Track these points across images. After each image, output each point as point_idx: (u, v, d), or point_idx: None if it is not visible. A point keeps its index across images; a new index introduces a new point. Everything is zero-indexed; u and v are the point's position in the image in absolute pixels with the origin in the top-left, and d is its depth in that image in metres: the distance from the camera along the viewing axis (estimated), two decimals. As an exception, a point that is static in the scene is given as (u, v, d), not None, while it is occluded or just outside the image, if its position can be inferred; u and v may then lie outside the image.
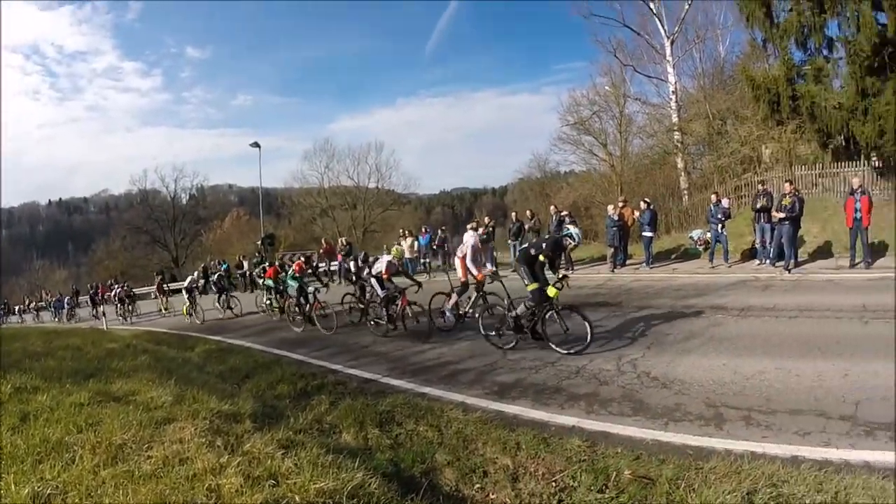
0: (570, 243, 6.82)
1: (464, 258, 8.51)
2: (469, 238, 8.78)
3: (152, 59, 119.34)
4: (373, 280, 9.06)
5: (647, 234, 14.01)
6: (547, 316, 6.75)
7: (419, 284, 8.99)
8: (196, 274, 18.52)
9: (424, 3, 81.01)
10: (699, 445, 3.94)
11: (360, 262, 11.40)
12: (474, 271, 8.30)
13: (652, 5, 22.75)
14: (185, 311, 15.20)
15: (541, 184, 34.26)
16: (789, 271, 11.05)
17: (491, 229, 17.32)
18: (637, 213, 14.36)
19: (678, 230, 17.01)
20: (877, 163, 15.32)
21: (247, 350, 9.29)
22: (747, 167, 18.32)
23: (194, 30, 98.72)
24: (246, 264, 22.34)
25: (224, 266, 22.42)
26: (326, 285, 13.38)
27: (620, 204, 14.61)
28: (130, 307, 19.27)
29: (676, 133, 21.75)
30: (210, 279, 18.47)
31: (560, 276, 6.87)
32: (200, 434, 3.81)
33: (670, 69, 22.59)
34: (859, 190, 11.07)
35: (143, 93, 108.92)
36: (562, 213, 15.26)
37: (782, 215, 11.24)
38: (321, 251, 21.65)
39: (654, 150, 24.40)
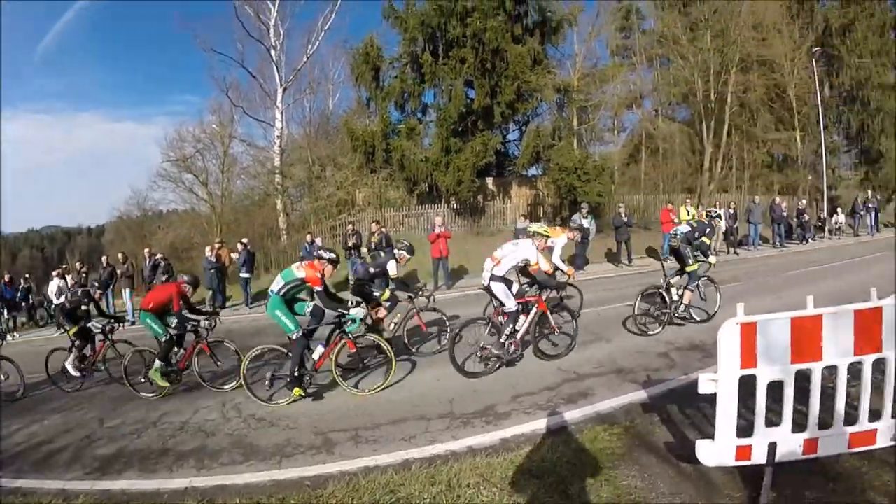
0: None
1: None
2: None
3: None
4: None
5: (245, 274, 14.57)
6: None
7: None
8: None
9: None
10: (316, 474, 4.08)
11: None
12: None
13: (273, 52, 23.62)
14: None
15: (139, 223, 30.79)
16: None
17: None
18: (234, 255, 14.76)
19: (277, 269, 17.47)
20: (455, 205, 19.84)
21: None
22: (342, 209, 20.42)
23: None
24: None
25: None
26: None
27: (217, 245, 14.77)
28: None
29: (278, 176, 23.00)
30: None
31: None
32: None
33: (279, 115, 23.77)
34: (442, 227, 13.84)
35: None
36: (156, 257, 14.58)
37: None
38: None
39: (256, 191, 25.34)
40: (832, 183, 25.86)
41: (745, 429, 3.37)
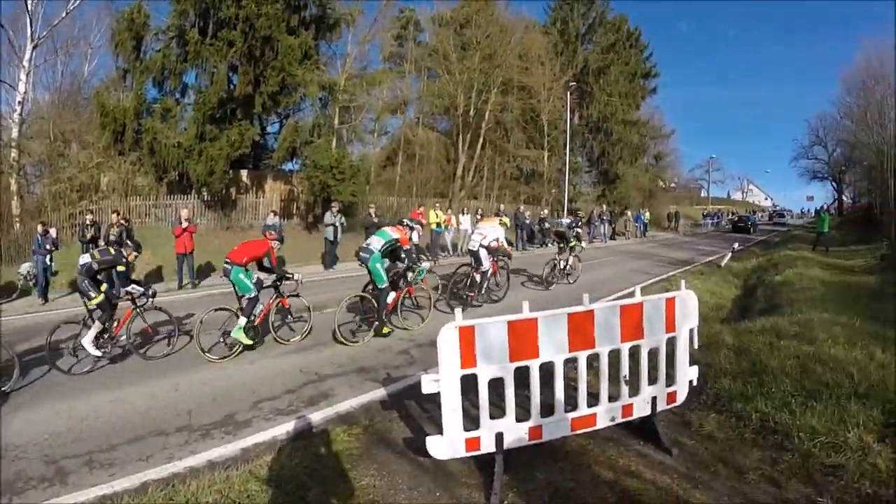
0: None
1: None
2: None
3: None
4: None
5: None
6: None
7: None
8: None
9: None
10: (47, 509, 3.73)
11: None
12: None
13: (29, 1, 20.78)
14: None
15: None
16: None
17: None
18: None
19: (8, 264, 15.28)
20: (207, 197, 18.98)
21: None
22: (84, 194, 18.25)
23: None
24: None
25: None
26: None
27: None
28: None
29: (14, 150, 19.45)
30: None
31: None
32: None
33: (24, 76, 21.17)
34: (186, 221, 13.00)
35: None
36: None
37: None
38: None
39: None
40: (573, 197, 30.58)
41: (476, 420, 3.67)
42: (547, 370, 3.77)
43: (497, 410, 3.69)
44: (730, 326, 7.80)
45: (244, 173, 20.59)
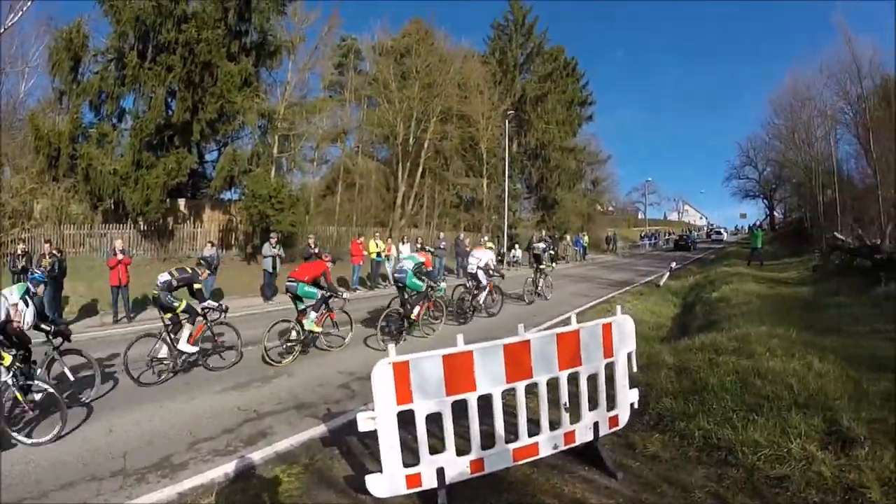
0: None
1: None
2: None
3: None
4: None
5: None
6: None
7: None
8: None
9: None
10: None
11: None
12: None
13: None
14: None
15: None
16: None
17: None
18: None
19: None
20: (143, 226, 18.64)
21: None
22: (16, 222, 17.45)
23: None
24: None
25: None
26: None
27: None
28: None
29: None
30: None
31: None
32: None
33: None
34: (121, 252, 12.55)
35: None
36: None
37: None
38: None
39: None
40: (512, 223, 31.67)
41: (418, 454, 3.67)
42: (486, 402, 3.81)
43: (439, 444, 3.71)
44: (670, 345, 7.95)
45: (182, 202, 20.31)
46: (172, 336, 7.53)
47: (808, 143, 30.02)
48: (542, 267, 14.62)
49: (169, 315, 7.53)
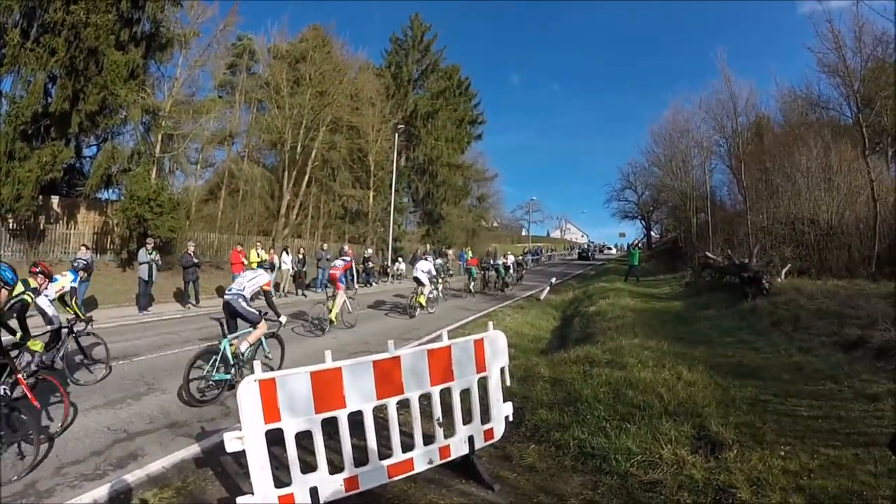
0: None
1: None
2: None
3: None
4: None
5: None
6: None
7: None
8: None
9: None
10: None
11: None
12: None
13: None
14: None
15: None
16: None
17: None
18: None
19: None
20: (12, 224, 17.65)
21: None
22: None
23: None
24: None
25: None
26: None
27: None
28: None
29: None
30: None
31: None
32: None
33: None
34: None
35: None
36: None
37: None
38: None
39: None
40: (397, 236, 33.85)
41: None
42: (357, 419, 3.87)
43: (315, 461, 3.74)
44: (546, 358, 8.39)
45: (55, 200, 19.58)
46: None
47: (684, 171, 34.23)
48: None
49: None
